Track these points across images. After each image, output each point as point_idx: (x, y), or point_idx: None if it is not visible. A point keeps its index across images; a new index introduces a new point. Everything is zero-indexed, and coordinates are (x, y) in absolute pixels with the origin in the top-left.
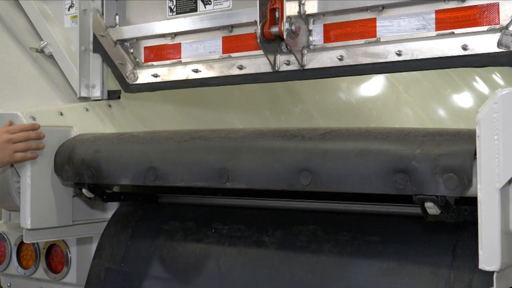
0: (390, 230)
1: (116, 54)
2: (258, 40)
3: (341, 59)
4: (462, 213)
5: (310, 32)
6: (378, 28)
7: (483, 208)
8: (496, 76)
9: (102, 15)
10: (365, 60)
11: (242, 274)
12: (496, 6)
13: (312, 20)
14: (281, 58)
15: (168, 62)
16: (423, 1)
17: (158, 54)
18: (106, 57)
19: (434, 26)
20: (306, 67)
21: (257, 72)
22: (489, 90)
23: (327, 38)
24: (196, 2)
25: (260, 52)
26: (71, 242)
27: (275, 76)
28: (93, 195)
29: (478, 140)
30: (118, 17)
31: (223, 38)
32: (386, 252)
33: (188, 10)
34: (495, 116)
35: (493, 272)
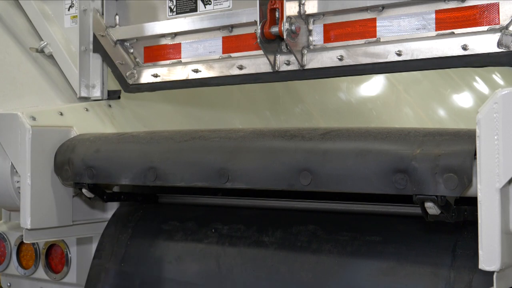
0: (390, 230)
1: (116, 54)
2: (258, 40)
3: (341, 59)
4: (462, 213)
5: (310, 32)
6: (378, 28)
7: (483, 208)
8: (496, 76)
9: (102, 15)
10: (365, 60)
11: (242, 274)
12: (496, 6)
13: (312, 20)
14: (281, 58)
15: (168, 62)
16: (423, 1)
17: (158, 54)
18: (106, 57)
19: (434, 26)
20: (306, 67)
21: (257, 72)
22: (489, 90)
23: (327, 38)
24: (196, 2)
25: (260, 52)
26: (71, 242)
27: (275, 76)
28: (93, 195)
29: (478, 140)
30: (118, 17)
31: (223, 38)
32: (386, 252)
33: (188, 10)
34: (495, 116)
35: (493, 272)
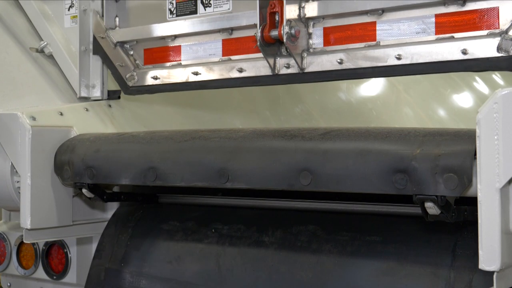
0: (390, 230)
1: (116, 56)
2: (258, 43)
3: (341, 63)
4: (462, 213)
5: (310, 35)
6: (378, 31)
7: (483, 208)
8: (496, 76)
9: (102, 17)
10: (364, 63)
11: (242, 274)
12: (495, 11)
13: (312, 23)
14: (281, 61)
15: (168, 64)
16: (423, 5)
17: (158, 56)
18: (106, 59)
19: (434, 30)
20: (306, 71)
21: (257, 75)
22: (489, 90)
23: (327, 41)
24: (196, 5)
25: (260, 55)
26: (71, 242)
27: (275, 79)
28: (93, 195)
29: (478, 140)
30: (118, 19)
31: (223, 40)
32: (386, 252)
33: (188, 12)
34: (495, 116)
35: (493, 272)
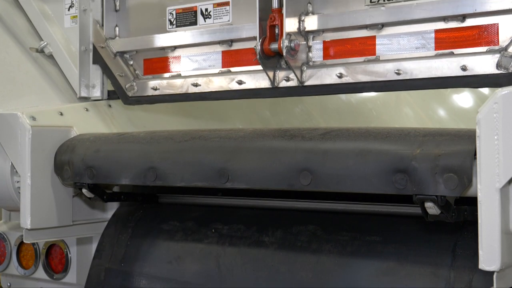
0: (390, 230)
1: (115, 66)
2: (258, 56)
3: (340, 77)
4: (462, 213)
5: (309, 48)
6: (377, 46)
7: (483, 208)
8: None
9: (102, 27)
10: (364, 78)
11: (242, 274)
12: (495, 27)
13: (311, 36)
14: (280, 74)
15: (167, 75)
16: (423, 20)
17: (157, 66)
18: (105, 69)
19: (433, 45)
20: (306, 84)
21: (256, 87)
22: (489, 90)
23: (327, 55)
24: (196, 16)
25: (259, 67)
26: (71, 242)
27: (275, 92)
28: (93, 195)
29: (478, 140)
30: (118, 28)
31: (223, 52)
32: (386, 252)
33: (188, 23)
34: (495, 116)
35: (493, 272)
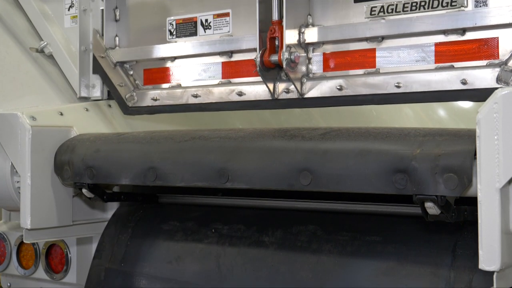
0: (390, 230)
1: (115, 76)
2: (258, 68)
3: (340, 89)
4: (462, 213)
5: (309, 60)
6: (377, 58)
7: (483, 208)
8: None
9: (102, 36)
10: (364, 90)
11: (242, 274)
12: (495, 41)
13: (311, 48)
14: (280, 86)
15: (167, 85)
16: (423, 33)
17: (157, 77)
18: (105, 78)
19: (433, 58)
20: (306, 96)
21: (256, 99)
22: None
23: (327, 67)
24: (196, 26)
25: (260, 78)
26: (71, 242)
27: (275, 103)
28: (93, 195)
29: (478, 140)
30: (118, 38)
31: (223, 63)
32: (386, 252)
33: (188, 34)
34: (495, 116)
35: (493, 272)
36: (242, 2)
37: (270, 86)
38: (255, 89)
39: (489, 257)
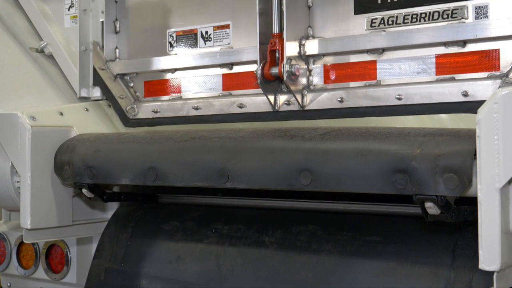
0: (390, 230)
1: (116, 88)
2: (258, 81)
3: (341, 101)
4: (462, 213)
5: (310, 72)
6: (378, 70)
7: (483, 208)
8: None
9: (102, 48)
10: (365, 103)
11: (242, 274)
12: (496, 53)
13: (312, 60)
14: (281, 98)
15: (168, 97)
16: (424, 45)
17: (158, 89)
18: (106, 91)
19: (434, 70)
20: (307, 108)
21: (257, 111)
22: None
23: (327, 79)
24: (196, 38)
25: (260, 90)
26: (71, 242)
27: (275, 115)
28: (93, 195)
29: (478, 140)
30: (118, 50)
31: (223, 75)
32: (386, 252)
33: (188, 46)
34: (495, 116)
35: (493, 272)
36: (242, 14)
37: (271, 98)
38: (256, 101)
39: (489, 257)
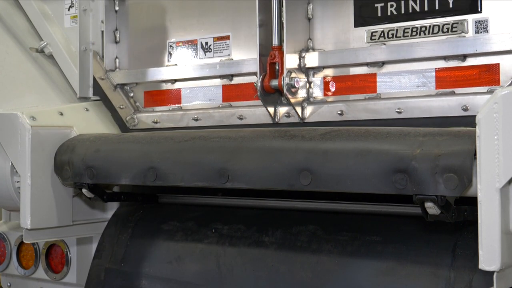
0: (390, 230)
1: (116, 98)
2: (258, 93)
3: (341, 114)
4: (462, 213)
5: (310, 84)
6: (378, 83)
7: (483, 208)
8: None
9: (102, 58)
10: (365, 115)
11: (242, 274)
12: (496, 67)
13: (312, 72)
14: (281, 110)
15: (168, 108)
16: (424, 59)
17: (158, 99)
18: (106, 101)
19: (434, 84)
20: (306, 120)
21: (257, 123)
22: None
23: (327, 91)
24: (196, 49)
25: (260, 102)
26: (71, 242)
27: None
28: (93, 195)
29: (478, 140)
30: (118, 60)
31: (223, 86)
32: (386, 252)
33: (188, 56)
34: (495, 116)
35: (493, 272)
36: (242, 26)
37: (271, 110)
38: (256, 112)
39: (489, 257)
